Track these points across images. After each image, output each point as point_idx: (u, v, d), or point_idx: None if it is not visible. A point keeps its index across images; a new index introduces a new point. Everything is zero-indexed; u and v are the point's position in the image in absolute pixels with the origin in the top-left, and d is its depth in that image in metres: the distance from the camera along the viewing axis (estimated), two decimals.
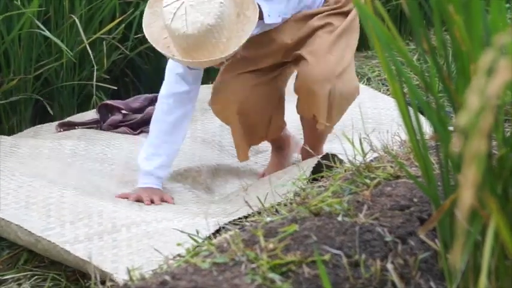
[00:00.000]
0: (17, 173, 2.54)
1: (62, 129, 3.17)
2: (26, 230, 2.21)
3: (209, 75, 3.78)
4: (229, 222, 2.21)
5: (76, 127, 3.19)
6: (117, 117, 3.20)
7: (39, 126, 3.29)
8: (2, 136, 2.96)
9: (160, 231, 2.16)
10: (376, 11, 1.26)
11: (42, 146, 2.87)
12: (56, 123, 3.23)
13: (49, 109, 3.46)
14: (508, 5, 3.94)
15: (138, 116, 3.20)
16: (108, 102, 3.26)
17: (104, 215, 2.23)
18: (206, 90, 3.56)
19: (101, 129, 3.18)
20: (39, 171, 2.65)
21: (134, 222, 2.21)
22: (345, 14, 2.65)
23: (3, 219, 2.28)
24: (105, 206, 2.32)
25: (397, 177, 1.75)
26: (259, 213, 2.07)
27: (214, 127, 3.18)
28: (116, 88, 3.63)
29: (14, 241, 2.30)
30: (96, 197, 2.43)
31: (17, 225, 2.23)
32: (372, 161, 1.90)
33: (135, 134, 3.15)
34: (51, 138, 3.00)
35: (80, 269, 2.13)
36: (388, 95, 3.58)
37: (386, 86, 3.74)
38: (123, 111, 3.24)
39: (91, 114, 3.30)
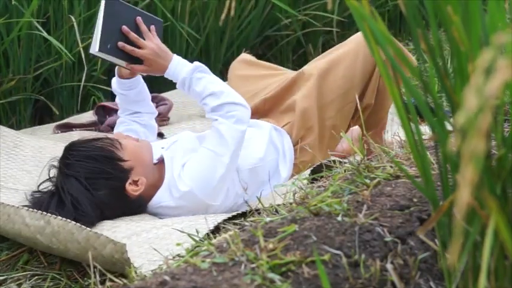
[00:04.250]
0: (20, 186, 2.54)
1: (59, 131, 3.17)
2: (36, 212, 2.20)
3: None
4: (228, 221, 2.21)
5: (74, 129, 3.18)
6: (115, 118, 3.20)
7: (36, 127, 3.28)
8: (4, 128, 2.93)
9: (160, 235, 2.17)
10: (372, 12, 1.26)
11: (45, 147, 2.87)
12: (54, 124, 3.23)
13: (53, 108, 3.47)
14: (506, 5, 3.93)
15: None
16: (105, 104, 3.26)
17: (104, 231, 2.23)
18: None
19: (99, 130, 3.18)
20: (41, 180, 2.65)
21: (134, 232, 2.21)
22: None
23: (12, 206, 2.27)
24: (105, 222, 2.32)
25: (397, 177, 1.75)
26: (259, 213, 2.08)
27: None
28: None
29: (17, 233, 2.27)
30: None
31: (27, 209, 2.23)
32: (371, 161, 1.90)
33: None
34: (53, 140, 2.99)
35: (85, 257, 2.09)
36: None
37: None
38: None
39: (88, 116, 3.29)
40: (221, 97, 2.44)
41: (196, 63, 2.51)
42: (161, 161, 2.50)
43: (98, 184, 2.36)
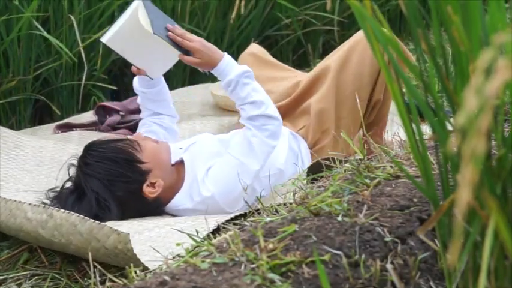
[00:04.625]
0: (21, 186, 2.54)
1: (59, 131, 3.17)
2: (39, 206, 2.21)
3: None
4: (229, 221, 2.21)
5: (74, 129, 3.18)
6: (115, 118, 3.20)
7: (37, 127, 3.28)
8: (4, 129, 2.93)
9: (163, 234, 2.17)
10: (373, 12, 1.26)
11: (45, 147, 2.87)
12: (54, 124, 3.23)
13: (54, 108, 3.47)
14: (507, 5, 3.93)
15: (136, 117, 3.19)
16: (105, 103, 3.26)
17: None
18: (204, 91, 3.57)
19: (99, 130, 3.18)
20: (42, 179, 2.64)
21: (137, 231, 2.21)
22: None
23: (14, 200, 2.27)
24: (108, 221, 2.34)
25: (397, 177, 1.75)
26: (259, 213, 2.08)
27: (212, 128, 3.18)
28: (115, 88, 3.64)
29: (18, 229, 2.27)
30: None
31: (29, 204, 2.23)
32: (371, 161, 1.90)
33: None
34: (54, 140, 2.99)
35: (86, 250, 2.09)
36: None
37: None
38: (121, 113, 3.24)
39: (88, 116, 3.29)
40: (261, 108, 2.47)
41: (245, 67, 2.53)
42: (179, 163, 2.50)
43: (115, 186, 2.38)
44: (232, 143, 2.50)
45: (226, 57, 2.51)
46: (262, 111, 2.46)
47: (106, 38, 2.54)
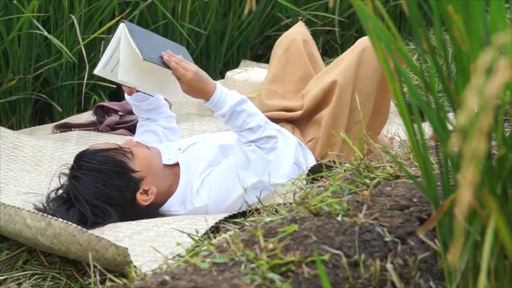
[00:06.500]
0: (21, 188, 2.54)
1: (58, 131, 3.17)
2: (37, 214, 2.21)
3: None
4: (228, 221, 2.21)
5: (73, 129, 3.18)
6: (114, 118, 3.20)
7: (35, 127, 3.28)
8: (4, 129, 2.93)
9: (162, 233, 2.17)
10: (375, 11, 1.26)
11: (45, 146, 2.87)
12: (53, 124, 3.23)
13: (57, 107, 3.47)
14: (507, 5, 3.94)
15: (135, 118, 3.19)
16: (104, 103, 3.26)
17: (105, 232, 2.24)
18: None
19: (98, 131, 3.18)
20: (42, 179, 2.64)
21: (136, 231, 2.22)
22: None
23: (13, 206, 2.27)
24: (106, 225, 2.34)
25: (397, 177, 1.75)
26: (259, 213, 2.08)
27: (211, 128, 3.18)
28: (115, 87, 3.64)
29: (18, 234, 2.28)
30: None
31: (28, 211, 2.23)
32: (371, 161, 1.90)
33: (132, 136, 3.14)
34: (53, 139, 3.00)
35: (87, 258, 2.10)
36: None
37: None
38: (120, 113, 3.24)
39: (87, 116, 3.30)
40: (258, 132, 2.48)
41: (238, 96, 2.49)
42: (176, 165, 2.50)
43: (109, 196, 2.38)
44: (232, 152, 2.50)
45: (219, 89, 2.46)
46: (259, 135, 2.48)
47: (119, 74, 2.44)
